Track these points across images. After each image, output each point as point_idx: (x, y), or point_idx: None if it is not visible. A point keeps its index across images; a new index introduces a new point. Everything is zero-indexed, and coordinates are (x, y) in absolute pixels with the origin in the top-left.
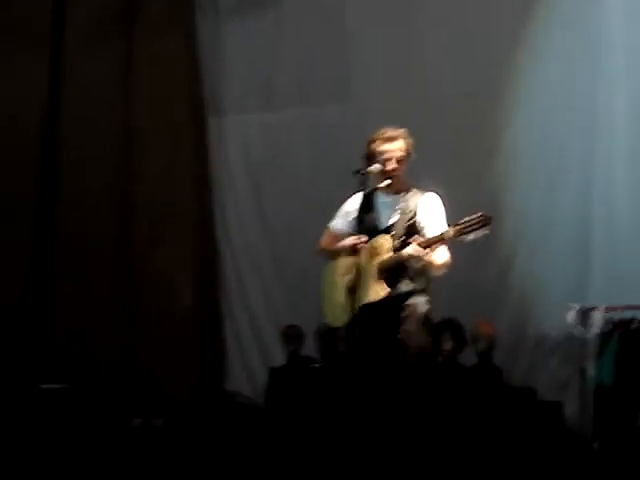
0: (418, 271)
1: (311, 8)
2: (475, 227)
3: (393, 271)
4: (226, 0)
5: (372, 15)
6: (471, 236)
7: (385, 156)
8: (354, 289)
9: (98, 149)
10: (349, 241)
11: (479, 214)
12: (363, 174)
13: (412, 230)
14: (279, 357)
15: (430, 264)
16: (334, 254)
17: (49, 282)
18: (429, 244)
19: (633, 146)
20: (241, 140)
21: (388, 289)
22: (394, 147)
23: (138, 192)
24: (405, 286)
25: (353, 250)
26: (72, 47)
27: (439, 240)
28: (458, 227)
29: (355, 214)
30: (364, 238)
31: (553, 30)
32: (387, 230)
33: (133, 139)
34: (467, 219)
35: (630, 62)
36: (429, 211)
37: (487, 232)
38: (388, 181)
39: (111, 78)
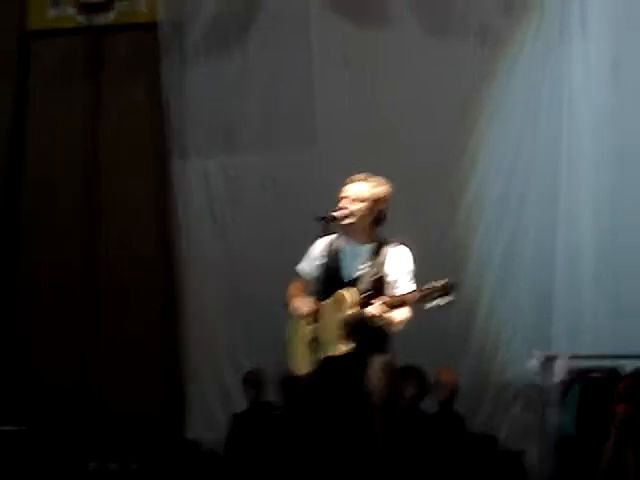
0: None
1: (278, 52)
2: (438, 294)
3: (356, 326)
4: (191, 44)
5: (339, 59)
6: (434, 303)
7: (341, 194)
8: (317, 340)
9: (62, 188)
10: (301, 310)
11: (444, 281)
12: (326, 221)
13: (378, 284)
14: (240, 402)
15: (389, 322)
16: (290, 307)
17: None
18: (391, 305)
19: (595, 194)
20: (205, 183)
21: (351, 344)
22: (353, 189)
23: (103, 236)
24: (370, 339)
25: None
26: (37, 89)
27: (401, 303)
28: (422, 293)
29: (320, 260)
30: (311, 310)
31: (516, 83)
32: (352, 282)
33: (98, 180)
34: (431, 286)
35: (594, 112)
36: (397, 266)
37: (451, 299)
38: (335, 214)
39: (76, 121)
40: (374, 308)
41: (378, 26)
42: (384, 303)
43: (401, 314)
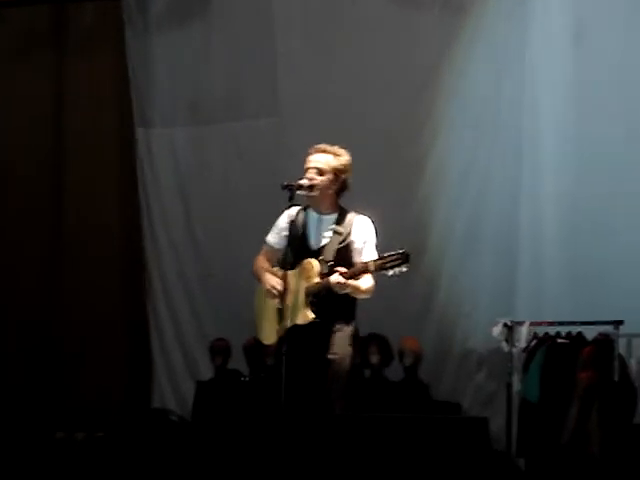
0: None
1: (240, 22)
2: (395, 263)
3: (320, 296)
4: (155, 14)
5: (302, 30)
6: (390, 272)
7: (307, 165)
8: (283, 309)
9: (27, 160)
10: (267, 284)
11: (400, 251)
12: (290, 189)
13: (342, 254)
14: (207, 371)
15: (355, 290)
16: (257, 279)
17: None
18: (352, 275)
19: (559, 164)
20: (169, 152)
21: (315, 313)
22: (318, 158)
23: (65, 203)
24: (335, 309)
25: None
26: (1, 57)
27: (361, 272)
28: (379, 262)
29: (287, 231)
30: (279, 287)
31: (477, 52)
32: (317, 253)
33: (62, 150)
34: (388, 255)
35: (554, 81)
36: (362, 235)
37: (406, 269)
38: (302, 181)
39: (40, 89)
40: (339, 276)
41: None
42: (347, 271)
43: (366, 283)
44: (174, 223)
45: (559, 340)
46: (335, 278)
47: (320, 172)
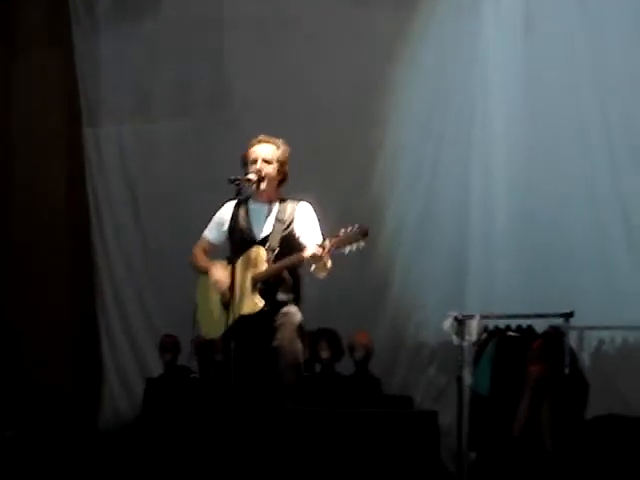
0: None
1: (189, 17)
2: (352, 239)
3: (269, 282)
4: (103, 11)
5: (250, 25)
6: (347, 248)
7: (254, 155)
8: (228, 301)
9: None
10: (212, 277)
11: (356, 226)
12: (238, 183)
13: (287, 241)
14: (156, 367)
15: (323, 266)
16: (203, 271)
17: None
18: (321, 247)
19: (510, 157)
20: (117, 150)
21: (264, 301)
22: (263, 149)
23: (13, 202)
24: (282, 296)
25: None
26: None
27: (325, 249)
28: (335, 239)
29: (228, 224)
30: (222, 285)
31: (428, 45)
32: (262, 242)
33: (9, 148)
34: (344, 231)
35: (506, 71)
36: (304, 221)
37: (362, 245)
38: (250, 176)
39: None
40: (312, 249)
41: None
42: (318, 244)
43: (329, 262)
44: (123, 222)
45: (509, 333)
46: (310, 249)
47: (266, 163)
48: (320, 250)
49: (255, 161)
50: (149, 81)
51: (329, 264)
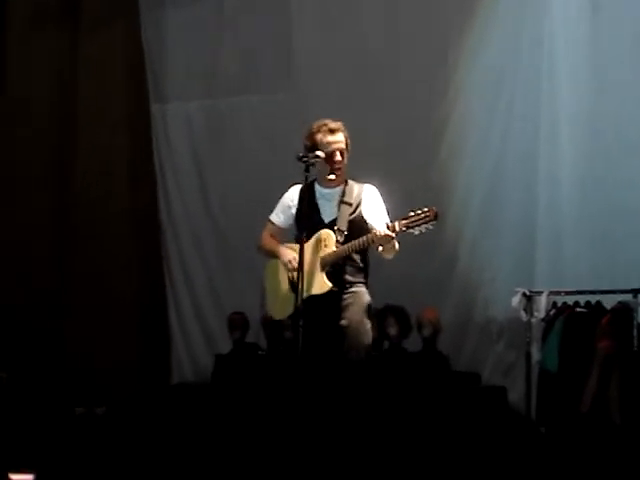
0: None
1: None
2: (422, 221)
3: (338, 264)
4: None
5: (317, 3)
6: (417, 230)
7: (332, 147)
8: (297, 282)
9: (39, 134)
10: (284, 258)
11: (426, 208)
12: (306, 161)
13: (355, 223)
14: (224, 344)
15: (392, 247)
16: (272, 254)
17: None
18: (392, 227)
19: (577, 132)
20: (184, 127)
21: (332, 282)
22: (339, 139)
23: (79, 180)
24: (350, 277)
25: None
26: (14, 34)
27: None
28: (405, 221)
29: (295, 208)
30: (295, 263)
31: (498, 19)
32: (330, 224)
33: (74, 125)
34: (415, 213)
35: (573, 51)
36: (371, 203)
37: (432, 227)
38: (332, 176)
39: (54, 66)
40: (383, 231)
41: None
42: (388, 226)
43: (397, 243)
44: (191, 198)
45: (578, 309)
46: (383, 231)
47: (342, 153)
48: (389, 232)
49: (333, 154)
50: (215, 57)
51: (397, 245)
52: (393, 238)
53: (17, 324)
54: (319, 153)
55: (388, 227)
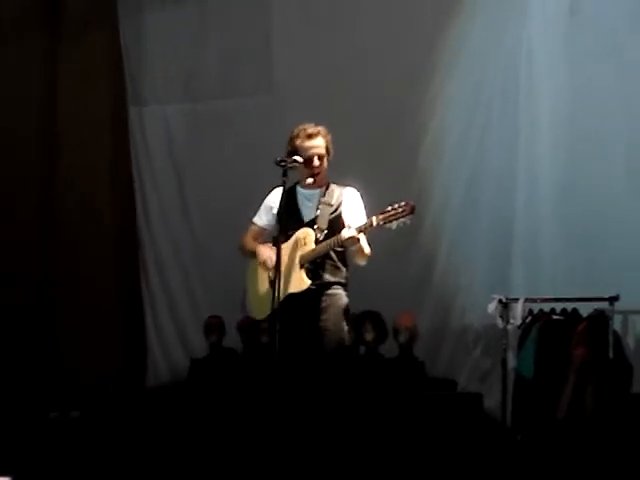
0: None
1: None
2: (400, 215)
3: (316, 262)
4: None
5: (298, 8)
6: (395, 224)
7: (310, 152)
8: (276, 282)
9: (19, 138)
10: (261, 257)
11: (403, 203)
12: (284, 165)
13: (334, 224)
14: (200, 348)
15: (360, 250)
16: (252, 254)
17: None
18: (361, 230)
19: (554, 140)
20: (163, 130)
21: (310, 280)
22: (316, 144)
23: (58, 182)
24: (329, 277)
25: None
26: None
27: (369, 226)
28: (383, 215)
29: (277, 209)
30: (271, 262)
31: (475, 24)
32: (310, 224)
33: (54, 129)
34: (392, 207)
35: (551, 57)
36: (351, 205)
37: (409, 221)
38: (311, 180)
39: (34, 70)
40: (349, 231)
41: None
42: (356, 227)
43: (367, 247)
44: (168, 201)
45: (554, 317)
46: (348, 231)
47: (320, 157)
48: (353, 233)
49: (311, 159)
50: (194, 61)
51: (367, 250)
52: (358, 239)
53: None
54: (297, 158)
55: (355, 229)
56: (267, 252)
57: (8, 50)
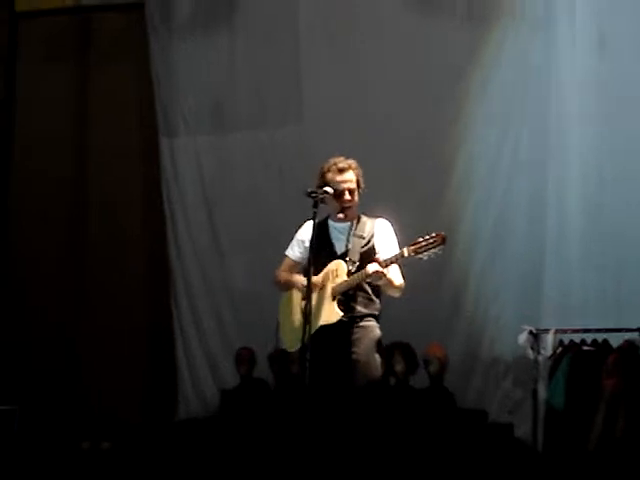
0: (374, 292)
1: (264, 30)
2: (431, 246)
3: (348, 294)
4: (179, 22)
5: (326, 42)
6: (425, 254)
7: (341, 187)
8: (308, 314)
9: (51, 169)
10: (299, 283)
11: (434, 234)
12: (315, 197)
13: (366, 256)
14: (231, 379)
15: (390, 283)
16: (287, 286)
17: None
18: (388, 263)
19: (586, 167)
20: (194, 161)
21: (342, 312)
22: (347, 178)
23: (90, 215)
24: (361, 309)
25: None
26: (26, 69)
27: (398, 258)
28: (414, 246)
29: (307, 243)
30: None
31: (504, 55)
32: (342, 256)
33: (86, 159)
34: (423, 238)
35: (580, 82)
36: (383, 236)
37: (440, 251)
38: (342, 215)
39: (65, 100)
40: (372, 266)
41: (365, 3)
42: (384, 260)
43: (398, 279)
44: (199, 232)
45: (584, 348)
46: (373, 266)
47: (351, 192)
48: (379, 268)
49: (343, 193)
50: (224, 91)
51: (397, 282)
52: (384, 275)
53: (27, 358)
54: (327, 189)
55: (400, 252)
56: (304, 280)
57: (40, 82)
